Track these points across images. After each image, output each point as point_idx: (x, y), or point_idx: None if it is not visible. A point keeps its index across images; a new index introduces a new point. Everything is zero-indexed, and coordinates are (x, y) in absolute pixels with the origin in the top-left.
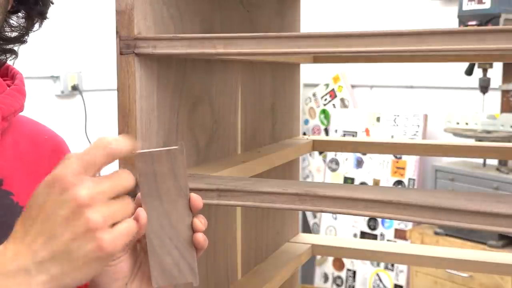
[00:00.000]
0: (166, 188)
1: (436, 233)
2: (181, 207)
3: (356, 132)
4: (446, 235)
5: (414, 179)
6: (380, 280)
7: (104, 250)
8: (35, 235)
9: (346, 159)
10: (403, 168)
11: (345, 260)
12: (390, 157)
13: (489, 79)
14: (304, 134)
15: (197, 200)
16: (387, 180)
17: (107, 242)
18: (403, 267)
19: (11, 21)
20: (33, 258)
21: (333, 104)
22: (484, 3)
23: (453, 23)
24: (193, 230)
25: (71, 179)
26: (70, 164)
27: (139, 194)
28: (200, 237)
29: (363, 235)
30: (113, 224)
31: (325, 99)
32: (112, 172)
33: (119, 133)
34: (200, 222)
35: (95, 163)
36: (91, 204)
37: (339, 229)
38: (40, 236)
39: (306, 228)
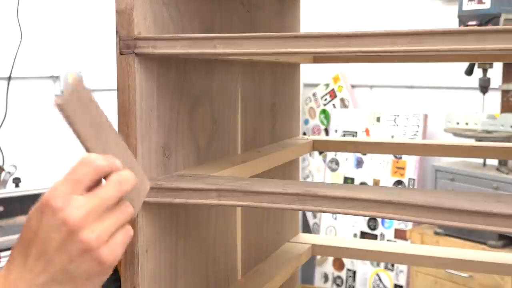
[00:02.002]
0: (97, 122)
1: (436, 233)
2: (113, 134)
3: (356, 132)
4: (446, 235)
5: (414, 179)
6: (380, 280)
7: (104, 265)
8: (34, 260)
9: (346, 159)
10: (403, 168)
11: (345, 260)
12: (390, 157)
13: (489, 79)
14: (304, 134)
15: None
16: (387, 180)
17: (106, 256)
18: (403, 267)
19: None
20: (35, 282)
21: (333, 104)
22: (484, 3)
23: (453, 23)
24: None
25: (59, 203)
26: (57, 186)
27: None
28: None
29: (363, 235)
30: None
31: (325, 99)
32: (109, 180)
33: (119, 133)
34: None
35: (82, 181)
36: (83, 225)
37: (339, 229)
38: (39, 260)
39: (306, 228)
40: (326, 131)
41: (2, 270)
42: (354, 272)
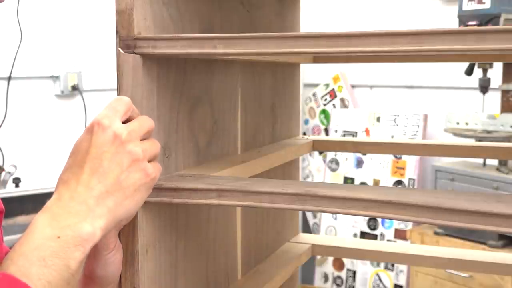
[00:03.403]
0: None
1: (436, 233)
2: None
3: (356, 132)
4: (446, 235)
5: (414, 179)
6: (380, 280)
7: (149, 176)
8: (88, 175)
9: (346, 159)
10: (403, 168)
11: (345, 260)
12: (390, 157)
13: (489, 79)
14: (304, 134)
15: None
16: (387, 180)
17: (151, 169)
18: (403, 267)
19: None
20: (90, 194)
21: (333, 104)
22: (484, 3)
23: (453, 23)
24: None
25: (107, 122)
26: (102, 113)
27: None
28: None
29: (363, 235)
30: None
31: (325, 99)
32: (138, 117)
33: None
34: None
35: (120, 111)
36: (129, 140)
37: (339, 229)
38: (94, 174)
39: (306, 228)
40: (326, 131)
41: (51, 200)
42: (354, 272)
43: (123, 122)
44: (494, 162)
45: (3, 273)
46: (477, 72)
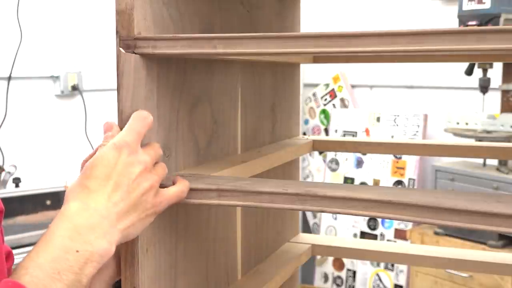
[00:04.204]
0: None
1: (436, 233)
2: None
3: (356, 132)
4: (446, 235)
5: (414, 179)
6: (380, 280)
7: (158, 206)
8: (113, 190)
9: (346, 159)
10: (403, 168)
11: (345, 260)
12: (390, 157)
13: (489, 79)
14: (304, 134)
15: None
16: (387, 180)
17: (159, 198)
18: (403, 267)
19: None
20: (114, 209)
21: (333, 104)
22: (484, 3)
23: (453, 23)
24: None
25: (135, 146)
26: (130, 134)
27: None
28: None
29: (363, 235)
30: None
31: (325, 99)
32: (149, 144)
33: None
34: None
35: (141, 133)
36: (151, 167)
37: (339, 229)
38: (117, 190)
39: (306, 228)
40: (326, 131)
41: (73, 207)
42: (354, 272)
43: None
44: (494, 162)
45: (16, 283)
46: (477, 72)
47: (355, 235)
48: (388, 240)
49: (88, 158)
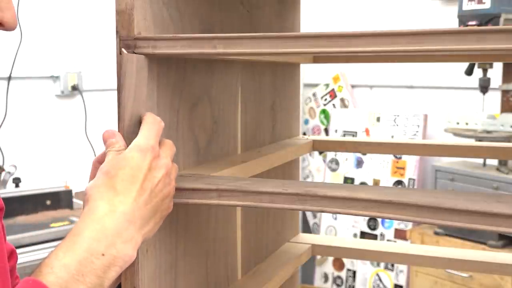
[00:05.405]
0: None
1: (436, 233)
2: None
3: (356, 132)
4: (446, 235)
5: (414, 179)
6: (380, 280)
7: (169, 210)
8: (139, 193)
9: (346, 159)
10: (403, 168)
11: (345, 260)
12: (390, 157)
13: (489, 79)
14: (304, 134)
15: None
16: (387, 180)
17: (172, 204)
18: (403, 267)
19: None
20: (140, 214)
21: (333, 104)
22: (484, 3)
23: (453, 23)
24: None
25: (158, 149)
26: (152, 137)
27: None
28: None
29: (363, 235)
30: None
31: (325, 99)
32: (164, 143)
33: (119, 132)
34: None
35: (159, 135)
36: (170, 170)
37: (339, 229)
38: (143, 194)
39: (306, 228)
40: (326, 131)
41: (101, 207)
42: (354, 272)
43: None
44: (494, 162)
45: (36, 281)
46: (477, 72)
47: (355, 235)
48: (388, 240)
49: (100, 158)
